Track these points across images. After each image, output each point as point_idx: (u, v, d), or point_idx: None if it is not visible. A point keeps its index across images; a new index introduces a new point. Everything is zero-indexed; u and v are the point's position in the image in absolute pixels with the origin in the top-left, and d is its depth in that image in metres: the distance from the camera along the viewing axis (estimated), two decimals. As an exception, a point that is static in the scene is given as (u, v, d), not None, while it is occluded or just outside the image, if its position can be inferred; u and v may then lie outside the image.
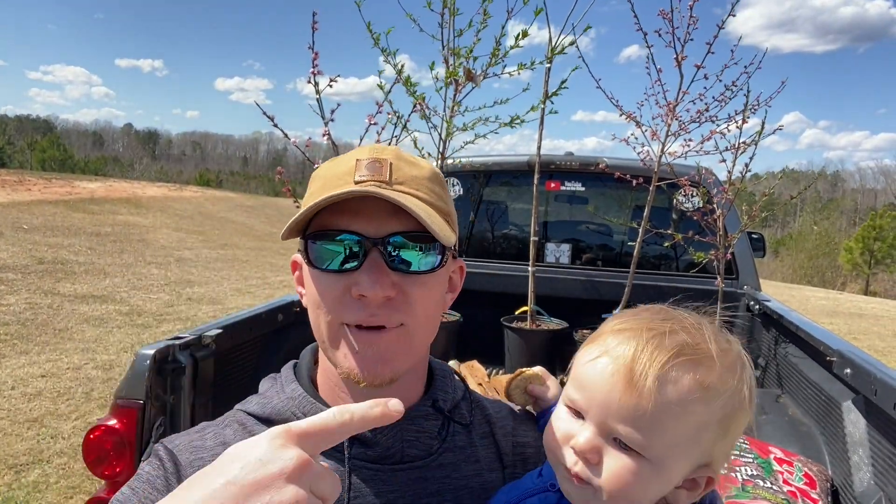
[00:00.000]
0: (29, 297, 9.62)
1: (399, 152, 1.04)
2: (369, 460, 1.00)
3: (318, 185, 1.01)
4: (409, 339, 0.99)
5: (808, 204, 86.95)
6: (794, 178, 47.60)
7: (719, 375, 0.82)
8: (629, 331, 0.86)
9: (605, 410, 0.82)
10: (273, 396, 1.06)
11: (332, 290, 0.97)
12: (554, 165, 4.41)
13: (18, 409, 5.71)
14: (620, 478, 0.82)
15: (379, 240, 0.95)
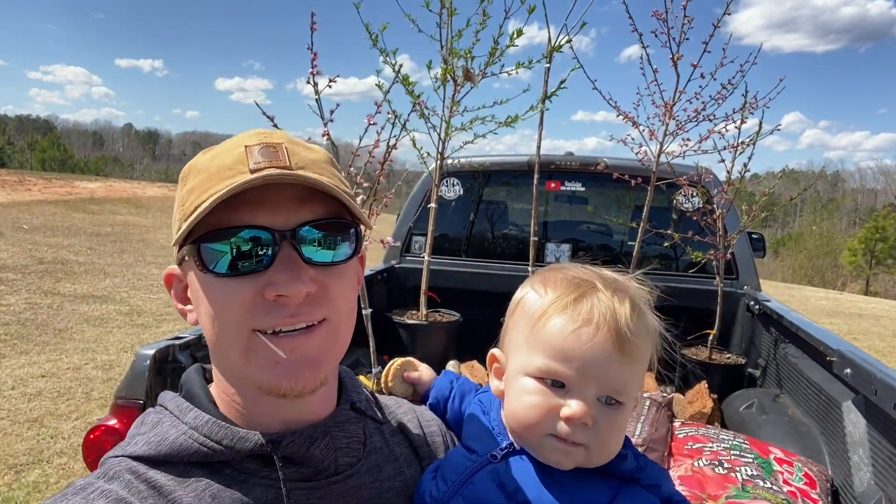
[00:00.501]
0: (29, 297, 9.62)
1: (289, 136, 0.95)
2: (304, 479, 0.91)
3: (200, 179, 0.88)
4: (334, 334, 0.91)
5: (808, 204, 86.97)
6: (794, 178, 47.62)
7: (651, 313, 0.95)
8: (585, 294, 0.90)
9: (600, 375, 0.87)
10: (168, 431, 0.89)
11: (238, 295, 0.85)
12: (554, 165, 4.41)
13: (18, 409, 5.71)
14: (614, 431, 0.89)
15: (290, 231, 0.85)
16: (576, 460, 0.88)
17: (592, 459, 0.89)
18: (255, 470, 0.89)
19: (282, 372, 0.86)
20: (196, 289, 0.90)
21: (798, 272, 45.50)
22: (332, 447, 0.94)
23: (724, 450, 2.37)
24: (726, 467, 2.24)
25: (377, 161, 2.81)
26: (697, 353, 3.75)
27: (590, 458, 0.88)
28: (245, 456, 0.88)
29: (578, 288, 0.91)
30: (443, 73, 2.96)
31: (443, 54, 2.98)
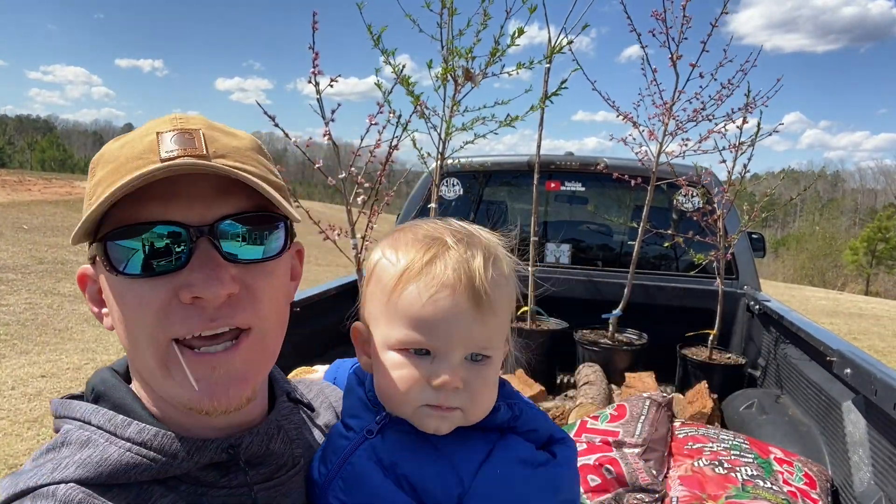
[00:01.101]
0: (29, 297, 9.62)
1: (208, 121, 0.85)
2: (266, 479, 0.86)
3: (108, 170, 0.78)
4: (260, 344, 0.81)
5: (808, 204, 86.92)
6: (794, 178, 47.60)
7: (507, 259, 0.92)
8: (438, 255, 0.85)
9: (464, 336, 0.85)
10: (106, 449, 0.77)
11: (152, 299, 0.76)
12: (554, 165, 4.41)
13: (19, 409, 5.71)
14: (486, 387, 0.88)
15: (207, 227, 0.76)
16: (453, 423, 0.87)
17: (469, 418, 0.88)
18: (213, 481, 0.82)
19: (204, 391, 0.77)
20: (107, 292, 0.81)
21: (799, 272, 45.49)
22: (287, 440, 0.91)
23: (724, 450, 2.37)
24: (726, 467, 2.23)
25: (378, 161, 2.81)
26: (697, 353, 3.75)
27: (467, 417, 0.87)
28: (201, 467, 0.81)
29: (429, 249, 0.86)
30: (443, 72, 2.96)
31: (443, 54, 2.98)
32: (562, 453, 0.92)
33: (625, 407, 2.62)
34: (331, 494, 0.89)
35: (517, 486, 0.86)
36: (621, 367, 3.66)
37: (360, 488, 0.88)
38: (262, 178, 0.81)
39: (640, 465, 2.28)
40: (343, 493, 0.88)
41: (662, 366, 3.77)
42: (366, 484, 0.88)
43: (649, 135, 3.90)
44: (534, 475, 0.87)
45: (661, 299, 4.14)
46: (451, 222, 0.93)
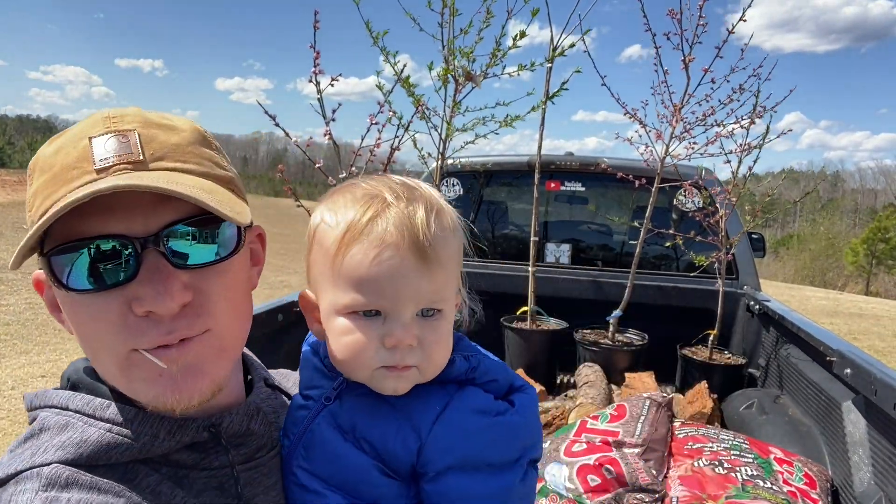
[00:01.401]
0: (29, 297, 9.63)
1: (145, 116, 0.80)
2: (247, 459, 0.87)
3: (44, 179, 0.75)
4: (217, 343, 0.80)
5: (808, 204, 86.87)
6: (794, 179, 47.57)
7: (451, 212, 0.89)
8: (379, 213, 0.82)
9: (412, 293, 0.82)
10: (86, 431, 0.76)
11: (105, 314, 0.74)
12: (554, 165, 4.41)
13: (18, 409, 5.71)
14: (440, 341, 0.86)
15: (152, 236, 0.73)
16: (411, 381, 0.86)
17: (426, 375, 0.86)
18: (194, 462, 0.82)
19: (166, 385, 0.76)
20: (62, 304, 0.79)
21: (801, 272, 45.47)
22: (266, 422, 0.90)
23: (724, 450, 2.37)
24: (726, 467, 2.24)
25: (379, 161, 2.81)
26: (697, 353, 3.75)
27: (423, 374, 0.86)
28: (181, 449, 0.80)
29: (369, 207, 0.83)
30: (444, 73, 2.96)
31: (444, 54, 2.98)
32: (520, 401, 0.92)
33: (625, 407, 2.62)
34: (294, 464, 0.89)
35: (473, 435, 0.85)
36: (621, 368, 3.66)
37: (321, 454, 0.87)
38: (205, 176, 0.79)
39: (640, 465, 2.28)
40: (305, 461, 0.88)
41: (662, 366, 3.77)
42: (326, 449, 0.87)
43: (656, 136, 3.90)
44: (491, 423, 0.87)
45: (662, 299, 4.14)
46: (390, 178, 0.90)
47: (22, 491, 0.70)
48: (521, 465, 0.88)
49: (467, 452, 0.85)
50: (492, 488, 0.85)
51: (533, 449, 0.91)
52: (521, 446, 0.89)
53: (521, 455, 0.88)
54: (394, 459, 0.85)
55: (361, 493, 0.86)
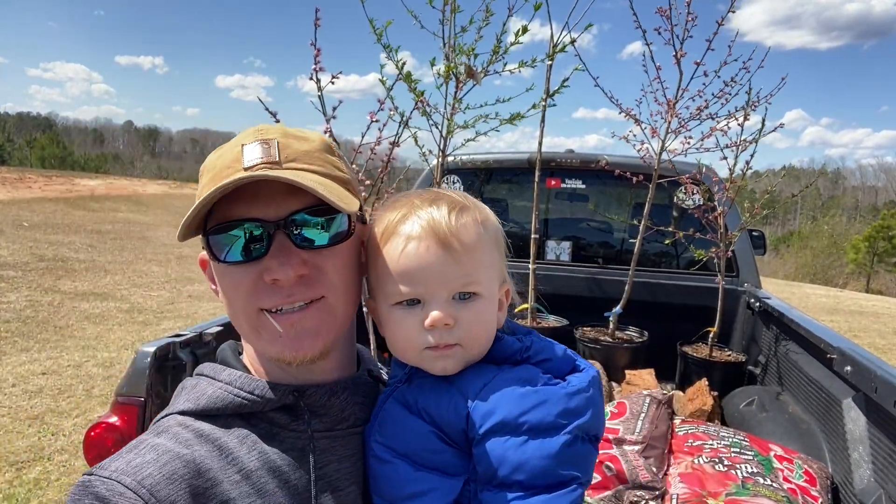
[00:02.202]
0: (30, 294, 9.63)
1: (285, 129, 1.03)
2: (325, 429, 1.02)
3: (208, 177, 0.98)
4: (330, 310, 0.99)
5: (808, 201, 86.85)
6: (794, 176, 47.53)
7: (479, 210, 1.02)
8: (406, 215, 0.98)
9: (441, 279, 0.95)
10: (206, 388, 1.01)
11: (243, 280, 0.96)
12: (555, 163, 4.40)
13: (20, 407, 5.72)
14: (479, 322, 0.97)
15: (281, 221, 0.95)
16: (457, 360, 0.97)
17: (470, 352, 0.97)
18: (285, 423, 1.00)
19: (285, 344, 0.97)
20: (215, 274, 1.02)
21: (801, 270, 45.44)
22: (350, 401, 1.05)
23: (724, 447, 2.37)
24: (726, 465, 2.24)
25: (379, 159, 2.80)
26: (698, 350, 3.75)
27: (467, 351, 0.97)
28: (274, 408, 1.00)
29: (399, 211, 0.99)
30: (446, 70, 2.95)
31: (445, 51, 2.97)
32: (574, 379, 0.97)
33: (625, 404, 2.62)
34: (371, 439, 1.01)
35: (515, 400, 0.92)
36: (622, 365, 3.66)
37: (390, 427, 0.99)
38: (327, 176, 0.99)
39: (641, 463, 2.28)
40: (379, 435, 1.00)
41: (663, 363, 3.77)
42: (395, 422, 0.99)
43: (652, 132, 3.90)
44: (532, 392, 0.93)
45: (662, 297, 4.14)
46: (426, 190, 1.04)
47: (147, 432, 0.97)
48: (569, 434, 0.91)
49: (507, 415, 0.91)
50: (532, 452, 0.89)
51: (584, 420, 0.93)
52: (567, 414, 0.92)
53: (568, 423, 0.92)
54: (448, 426, 0.94)
55: (423, 460, 0.95)
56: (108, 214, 20.12)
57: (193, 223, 0.96)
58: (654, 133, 3.88)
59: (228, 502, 0.89)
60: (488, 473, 0.91)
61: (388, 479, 0.97)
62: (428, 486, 0.93)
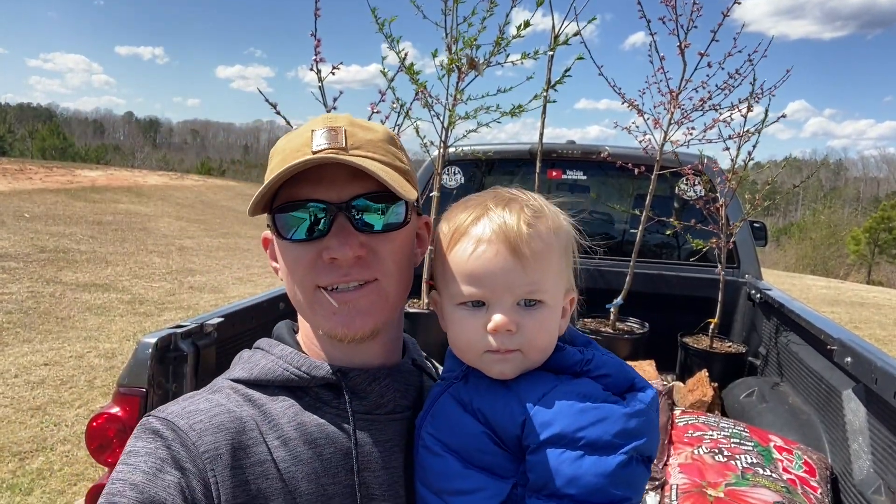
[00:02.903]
0: (31, 285, 9.65)
1: (352, 119, 1.07)
2: (364, 411, 1.05)
3: (277, 160, 1.03)
4: (383, 292, 1.03)
5: (810, 192, 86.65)
6: (796, 167, 47.39)
7: (554, 217, 1.03)
8: (479, 216, 0.98)
9: (506, 284, 0.95)
10: (259, 360, 1.08)
11: (304, 257, 1.01)
12: (556, 154, 4.39)
13: (22, 398, 5.74)
14: (541, 329, 0.97)
15: (343, 204, 0.99)
16: (516, 365, 0.97)
17: (530, 358, 0.97)
18: (328, 399, 1.05)
19: (338, 320, 1.02)
20: (277, 251, 1.08)
21: (802, 261, 45.41)
22: (391, 388, 1.08)
23: (724, 438, 2.38)
24: (726, 455, 2.25)
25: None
26: (698, 341, 3.76)
27: (527, 357, 0.97)
28: (319, 385, 1.05)
29: (472, 213, 1.00)
30: (449, 62, 2.94)
31: (447, 42, 2.96)
32: (632, 399, 0.96)
33: (626, 395, 2.62)
34: (423, 430, 1.02)
35: (573, 414, 0.91)
36: (622, 356, 3.62)
37: (444, 422, 1.00)
38: (389, 165, 1.02)
39: (641, 453, 2.29)
40: (432, 428, 1.01)
41: (663, 354, 3.77)
42: (449, 418, 1.00)
43: (654, 123, 3.89)
44: (592, 408, 0.92)
45: (663, 288, 4.14)
46: (499, 189, 1.05)
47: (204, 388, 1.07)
48: (625, 455, 0.90)
49: (565, 428, 0.91)
50: (587, 468, 0.89)
51: (641, 443, 0.92)
52: (624, 435, 0.91)
53: (624, 444, 0.91)
54: (502, 430, 0.94)
55: (473, 458, 0.96)
56: (108, 205, 20.12)
57: (262, 201, 1.01)
58: (657, 124, 3.87)
59: (265, 462, 0.96)
60: (540, 483, 0.91)
61: (436, 472, 0.98)
62: (475, 485, 0.94)
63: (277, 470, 0.96)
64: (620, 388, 0.99)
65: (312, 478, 0.98)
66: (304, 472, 0.97)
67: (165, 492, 0.86)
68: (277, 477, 0.95)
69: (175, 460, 0.90)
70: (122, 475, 0.88)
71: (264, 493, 0.94)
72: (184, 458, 0.90)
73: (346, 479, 1.00)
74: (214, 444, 0.93)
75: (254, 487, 0.93)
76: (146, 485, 0.86)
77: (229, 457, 0.93)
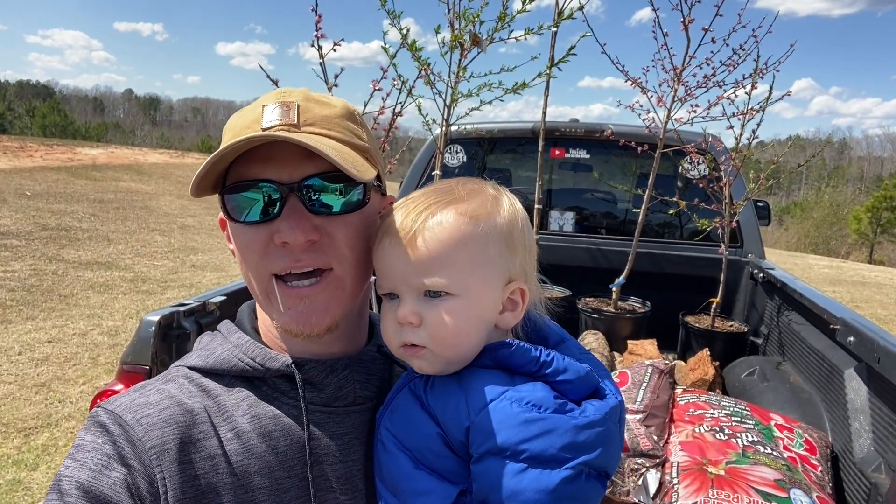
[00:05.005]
0: (34, 263, 9.67)
1: (308, 93, 1.02)
2: (322, 403, 1.01)
3: (227, 136, 0.98)
4: (340, 282, 0.98)
5: (813, 171, 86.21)
6: (801, 146, 47.13)
7: (479, 205, 0.95)
8: (396, 208, 0.97)
9: (404, 276, 0.93)
10: (216, 348, 1.04)
11: (255, 241, 0.96)
12: (559, 132, 4.37)
13: (26, 374, 5.78)
14: (443, 322, 0.92)
15: (295, 184, 0.94)
16: (431, 362, 0.93)
17: (439, 354, 0.93)
18: (286, 390, 1.01)
19: (292, 316, 0.97)
20: (230, 232, 1.03)
21: (804, 240, 45.36)
22: (350, 379, 1.03)
23: (725, 416, 2.39)
24: (727, 433, 2.26)
25: (382, 128, 2.78)
26: (700, 320, 3.76)
27: (435, 354, 0.93)
28: (276, 375, 1.01)
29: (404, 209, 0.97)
30: (452, 39, 2.90)
31: (450, 18, 2.92)
32: (589, 409, 0.90)
33: (627, 374, 2.63)
34: (381, 425, 0.99)
35: (517, 425, 0.85)
36: (624, 335, 3.68)
37: (400, 417, 0.97)
38: (346, 143, 0.98)
39: (642, 431, 2.30)
40: (390, 423, 0.98)
41: (665, 333, 3.78)
42: (406, 415, 0.96)
43: (658, 101, 3.85)
44: (537, 418, 0.86)
45: (665, 267, 4.13)
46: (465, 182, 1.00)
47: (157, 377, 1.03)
48: (571, 469, 0.85)
49: (508, 439, 0.85)
50: (529, 482, 0.84)
51: (591, 457, 0.86)
52: (572, 448, 0.86)
53: (572, 458, 0.85)
54: (450, 434, 0.90)
55: (425, 459, 0.92)
56: (110, 184, 20.08)
57: (206, 180, 0.96)
58: (661, 102, 3.84)
59: (216, 457, 0.93)
60: (482, 494, 0.87)
61: (388, 469, 0.95)
62: (423, 488, 0.91)
63: (229, 464, 0.94)
64: (580, 395, 0.93)
65: (266, 471, 0.95)
66: (257, 466, 0.95)
67: (111, 489, 0.86)
68: (229, 471, 0.93)
69: (121, 456, 0.88)
70: (70, 471, 0.87)
71: (215, 487, 0.92)
72: (129, 454, 0.89)
73: (301, 472, 0.97)
74: (162, 438, 0.90)
75: (203, 482, 0.91)
76: (92, 483, 0.85)
77: (177, 451, 0.90)
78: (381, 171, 1.07)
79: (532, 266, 1.03)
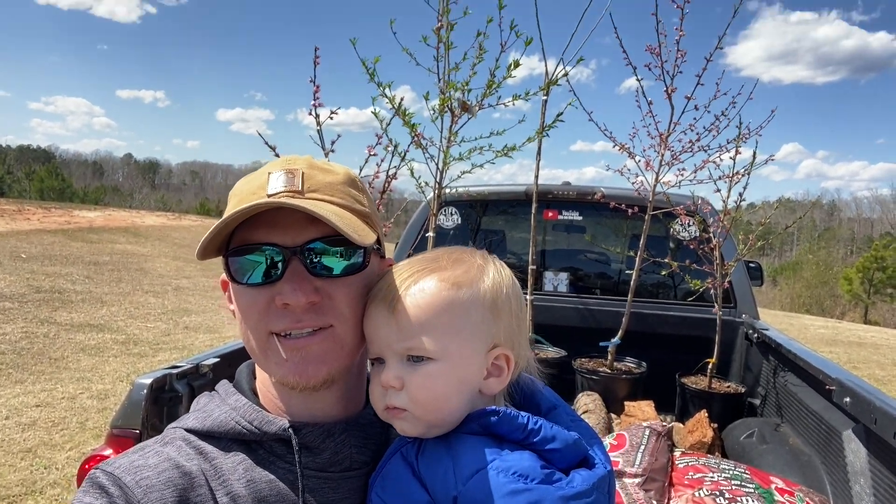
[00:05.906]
0: (25, 325, 9.58)
1: (312, 161, 1.06)
2: (317, 468, 1.01)
3: (234, 202, 1.02)
4: (338, 339, 1.00)
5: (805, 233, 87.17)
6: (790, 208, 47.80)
7: (462, 273, 0.97)
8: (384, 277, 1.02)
9: (387, 341, 0.96)
10: (213, 410, 1.05)
11: (256, 302, 0.99)
12: (551, 195, 4.44)
13: (12, 440, 5.65)
14: (423, 385, 0.93)
15: (298, 248, 0.97)
16: (413, 425, 0.95)
17: (420, 417, 0.94)
18: (282, 454, 1.02)
19: (290, 368, 0.98)
20: (232, 294, 1.06)
21: (796, 301, 45.42)
22: (348, 443, 1.04)
23: (725, 479, 2.35)
24: (728, 497, 2.22)
25: (377, 191, 2.83)
26: (697, 381, 3.74)
27: (416, 417, 0.94)
28: (273, 439, 1.01)
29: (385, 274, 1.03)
30: (441, 104, 3.00)
31: (440, 87, 3.02)
32: (577, 479, 0.89)
33: (624, 436, 2.60)
34: (373, 492, 0.99)
35: (504, 497, 0.85)
36: (620, 396, 3.65)
37: (392, 485, 0.96)
38: (347, 208, 1.01)
39: (641, 496, 2.26)
40: (381, 489, 0.97)
41: (662, 394, 3.75)
42: (398, 481, 0.96)
43: (646, 165, 3.95)
44: (524, 489, 0.85)
45: (660, 328, 4.14)
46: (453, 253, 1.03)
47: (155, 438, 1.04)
48: None
49: None
50: None
51: None
52: None
53: None
54: (439, 501, 0.90)
55: None
56: (106, 246, 20.12)
57: (213, 244, 0.99)
58: (648, 165, 3.93)
59: None
60: None
61: None
62: None
63: None
64: (569, 463, 0.93)
65: None
66: None
67: None
68: None
69: None
70: None
71: None
72: None
73: None
74: (161, 501, 0.91)
75: None
76: None
77: None
78: (381, 234, 1.11)
79: (521, 332, 1.03)
